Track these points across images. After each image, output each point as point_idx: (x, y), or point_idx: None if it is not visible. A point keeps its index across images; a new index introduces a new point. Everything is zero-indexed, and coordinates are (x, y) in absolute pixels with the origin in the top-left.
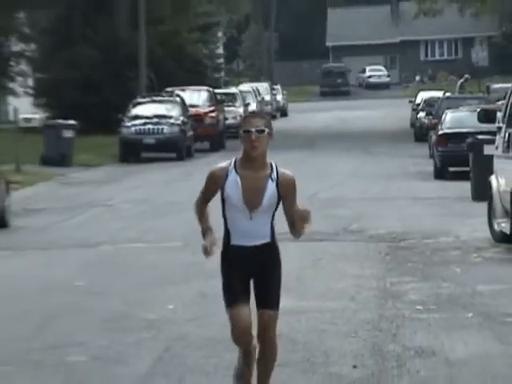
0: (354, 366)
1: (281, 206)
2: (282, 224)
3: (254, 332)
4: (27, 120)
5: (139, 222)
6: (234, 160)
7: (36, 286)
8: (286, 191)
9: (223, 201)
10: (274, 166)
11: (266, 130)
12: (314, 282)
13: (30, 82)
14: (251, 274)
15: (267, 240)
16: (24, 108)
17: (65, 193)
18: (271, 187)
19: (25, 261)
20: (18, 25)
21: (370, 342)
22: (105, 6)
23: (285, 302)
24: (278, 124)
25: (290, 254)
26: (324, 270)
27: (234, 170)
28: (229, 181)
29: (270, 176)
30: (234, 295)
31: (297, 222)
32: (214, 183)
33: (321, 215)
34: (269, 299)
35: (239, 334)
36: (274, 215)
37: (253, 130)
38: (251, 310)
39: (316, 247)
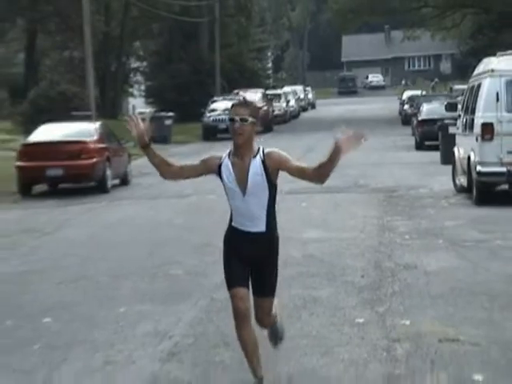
0: (362, 276)
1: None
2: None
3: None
4: (141, 113)
5: (215, 180)
6: (228, 151)
7: (148, 223)
8: (278, 162)
9: (224, 187)
10: (260, 148)
11: (250, 120)
12: (334, 220)
13: (143, 87)
14: (249, 259)
15: (262, 229)
16: (139, 105)
17: None
18: (256, 165)
19: (140, 206)
20: (136, 49)
21: (372, 261)
22: (193, 36)
23: (314, 234)
24: (309, 114)
25: (316, 203)
26: (341, 212)
27: (227, 158)
28: (223, 166)
29: (256, 157)
30: (231, 277)
31: (346, 139)
32: (205, 165)
33: (338, 175)
34: (265, 289)
35: (236, 310)
36: (270, 203)
37: (237, 118)
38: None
39: (334, 197)
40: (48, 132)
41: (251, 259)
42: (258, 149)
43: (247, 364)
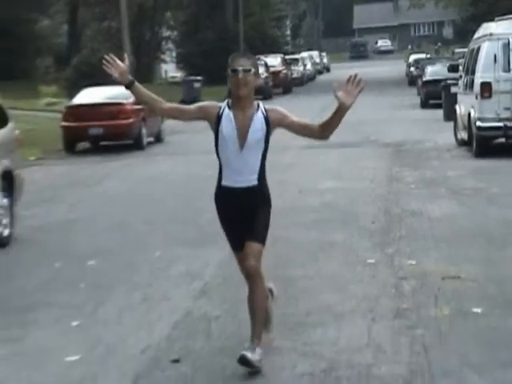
0: (373, 222)
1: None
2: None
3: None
4: (173, 77)
5: None
6: (226, 101)
7: (180, 176)
8: (281, 119)
9: (217, 138)
10: (260, 104)
11: (253, 70)
12: (348, 172)
13: (174, 54)
14: (242, 214)
15: (254, 183)
16: (171, 70)
17: None
18: (258, 121)
19: (173, 161)
20: (167, 20)
21: (382, 208)
22: (218, 6)
23: (330, 183)
24: (324, 77)
25: (332, 157)
26: (354, 164)
27: (227, 108)
28: (224, 116)
29: (257, 112)
30: (233, 243)
31: (346, 93)
32: (202, 110)
33: (351, 131)
34: (254, 233)
35: (244, 272)
36: (263, 157)
37: (240, 69)
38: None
39: (348, 151)
40: (89, 95)
41: (244, 213)
42: (258, 104)
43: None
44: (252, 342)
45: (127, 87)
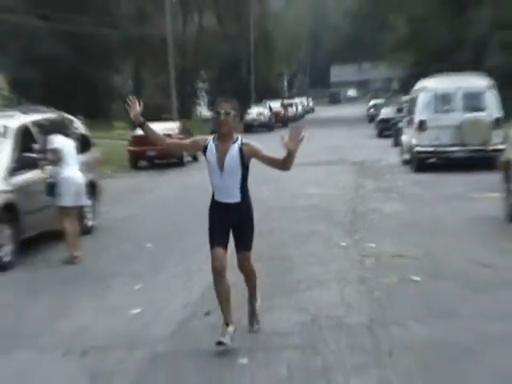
0: (345, 217)
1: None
2: None
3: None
4: (205, 116)
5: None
6: (213, 136)
7: (208, 185)
8: (253, 152)
9: (207, 165)
10: (239, 138)
11: (232, 112)
12: (326, 181)
13: (206, 99)
14: (229, 224)
15: (237, 200)
16: (204, 110)
17: None
18: (234, 150)
19: (203, 175)
20: (201, 75)
21: (351, 207)
22: (236, 66)
23: (314, 190)
24: (310, 115)
25: (315, 171)
26: (331, 176)
27: (212, 141)
28: (209, 148)
29: (234, 144)
30: (212, 240)
31: (290, 141)
32: (194, 144)
33: (329, 153)
34: (243, 244)
35: (213, 268)
36: (243, 180)
37: (222, 111)
38: (228, 251)
39: (327, 167)
40: None
41: (231, 223)
42: (237, 137)
43: (220, 311)
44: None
45: (139, 126)
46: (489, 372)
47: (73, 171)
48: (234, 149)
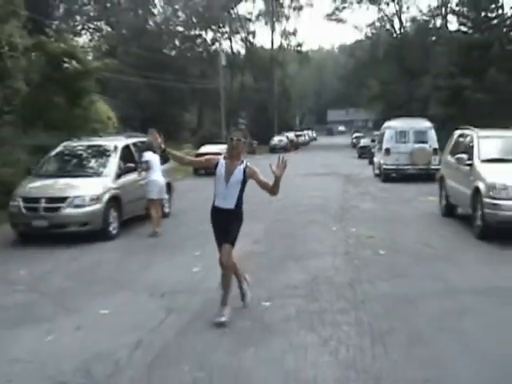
0: (335, 211)
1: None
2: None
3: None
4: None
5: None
6: (223, 155)
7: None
8: (252, 173)
9: (215, 177)
10: (244, 161)
11: (242, 140)
12: (322, 187)
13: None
14: (223, 224)
15: (232, 207)
16: None
17: None
18: (239, 170)
19: None
20: (242, 112)
21: (339, 204)
22: (264, 109)
23: (314, 193)
24: (314, 143)
25: (315, 179)
26: (325, 183)
27: (222, 159)
28: (220, 164)
29: (240, 165)
30: (217, 240)
31: (277, 168)
32: (208, 162)
33: (324, 168)
34: (227, 237)
35: (220, 263)
36: (240, 192)
37: (234, 138)
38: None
39: (322, 177)
40: (206, 148)
41: (224, 223)
42: (243, 160)
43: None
44: (222, 307)
45: (162, 152)
46: (425, 314)
47: (157, 176)
48: (240, 169)
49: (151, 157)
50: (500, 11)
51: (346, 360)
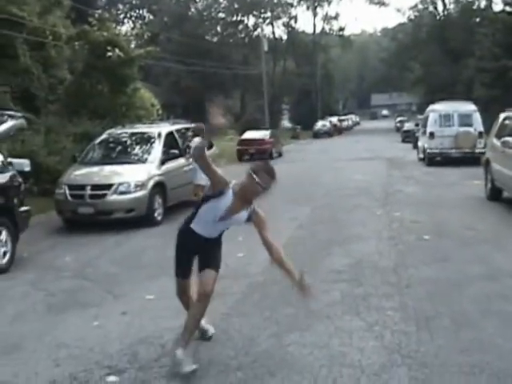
0: (379, 198)
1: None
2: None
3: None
4: (287, 127)
5: (317, 153)
6: (233, 184)
7: (290, 172)
8: (258, 222)
9: (211, 197)
10: (255, 207)
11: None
12: (366, 171)
13: (287, 115)
14: (196, 252)
15: (213, 236)
16: (286, 123)
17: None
18: (243, 214)
19: (287, 165)
20: (284, 99)
21: (383, 188)
22: (308, 94)
23: (358, 177)
24: (357, 127)
25: (360, 164)
26: (370, 167)
27: (232, 192)
28: (225, 194)
29: (247, 209)
30: (180, 270)
31: (299, 284)
32: (223, 178)
33: (368, 153)
34: (211, 262)
35: (201, 292)
36: (227, 229)
37: (268, 188)
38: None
39: (367, 162)
40: (249, 134)
41: (203, 249)
42: (252, 205)
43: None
44: (177, 343)
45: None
46: (470, 297)
47: None
48: (244, 214)
49: None
50: None
51: (390, 345)
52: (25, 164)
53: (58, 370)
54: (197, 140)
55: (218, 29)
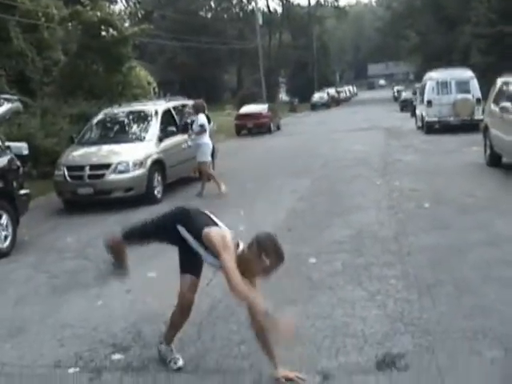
0: (378, 165)
1: None
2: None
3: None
4: (284, 100)
5: (312, 125)
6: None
7: (286, 145)
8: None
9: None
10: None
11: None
12: (365, 141)
13: (284, 88)
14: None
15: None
16: (284, 96)
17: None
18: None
19: (284, 138)
20: (281, 72)
21: (382, 158)
22: (304, 66)
23: (357, 147)
24: (355, 98)
25: (358, 134)
26: (368, 138)
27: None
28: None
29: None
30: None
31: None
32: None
33: (367, 123)
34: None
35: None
36: None
37: (277, 269)
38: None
39: (365, 132)
40: (246, 108)
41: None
42: None
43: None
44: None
45: None
46: (471, 264)
47: (208, 138)
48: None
49: (205, 119)
50: None
51: (393, 313)
52: (23, 147)
53: (63, 350)
54: (202, 117)
55: (212, 4)
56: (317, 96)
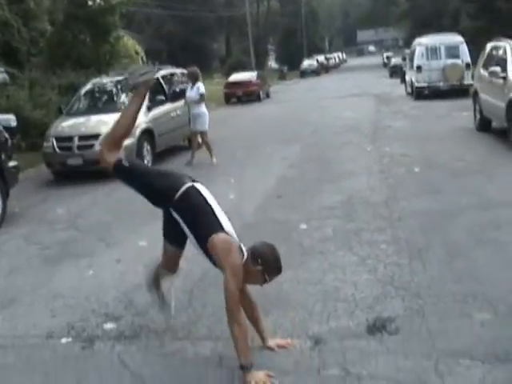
0: (368, 134)
1: None
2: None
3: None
4: (274, 67)
5: (306, 92)
6: (244, 260)
7: (276, 112)
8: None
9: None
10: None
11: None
12: (356, 107)
13: (274, 56)
14: None
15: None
16: (273, 64)
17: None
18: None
19: (274, 106)
20: (270, 39)
21: (372, 124)
22: (293, 33)
23: (347, 114)
24: (344, 65)
25: (348, 100)
26: (359, 104)
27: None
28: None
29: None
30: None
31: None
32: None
33: (357, 89)
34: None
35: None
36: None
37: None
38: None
39: (356, 98)
40: (235, 76)
41: None
42: None
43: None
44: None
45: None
46: (461, 228)
47: (204, 108)
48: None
49: (203, 88)
50: None
51: (384, 277)
52: (11, 119)
53: (56, 320)
54: (201, 85)
55: None
56: (306, 63)
